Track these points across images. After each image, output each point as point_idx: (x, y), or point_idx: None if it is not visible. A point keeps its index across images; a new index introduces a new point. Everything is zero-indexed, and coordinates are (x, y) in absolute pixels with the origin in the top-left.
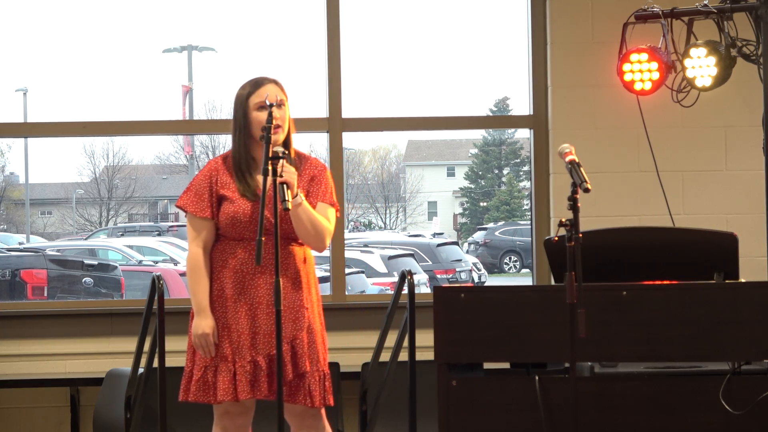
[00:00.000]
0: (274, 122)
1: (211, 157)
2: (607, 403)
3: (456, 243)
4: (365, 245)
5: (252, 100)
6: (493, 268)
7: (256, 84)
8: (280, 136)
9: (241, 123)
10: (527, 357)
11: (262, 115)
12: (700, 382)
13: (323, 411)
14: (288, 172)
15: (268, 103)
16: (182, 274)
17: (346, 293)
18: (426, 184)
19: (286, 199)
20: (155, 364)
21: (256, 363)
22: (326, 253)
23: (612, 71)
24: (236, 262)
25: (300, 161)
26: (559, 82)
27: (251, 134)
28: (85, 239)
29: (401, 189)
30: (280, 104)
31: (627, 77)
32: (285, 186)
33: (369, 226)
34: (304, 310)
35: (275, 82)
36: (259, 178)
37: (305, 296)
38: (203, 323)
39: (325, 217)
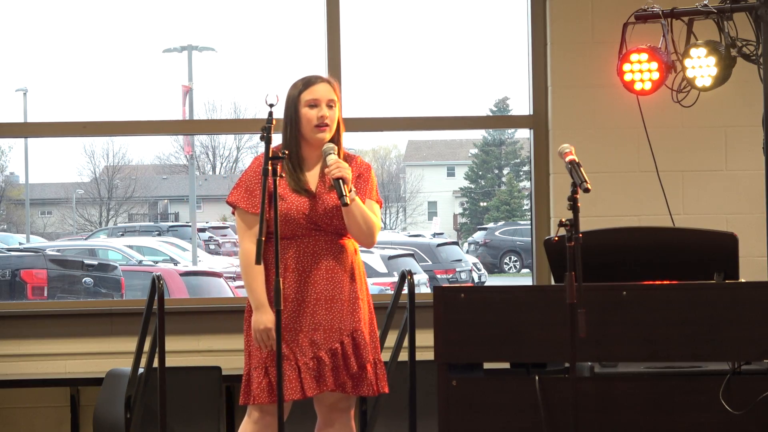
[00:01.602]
0: (322, 120)
1: (211, 157)
2: (607, 403)
3: (456, 243)
4: None
5: (303, 97)
6: (493, 268)
7: (309, 82)
8: (327, 135)
9: (292, 119)
10: (527, 357)
11: (312, 113)
12: (700, 382)
13: (353, 410)
14: (344, 168)
15: (267, 103)
16: (183, 274)
17: None
18: (426, 184)
19: (345, 194)
20: (155, 364)
21: (320, 359)
22: None
23: (612, 71)
24: (293, 262)
25: (347, 161)
26: (559, 82)
27: (301, 131)
28: (85, 239)
29: (401, 189)
30: (330, 104)
31: (627, 77)
32: (341, 181)
33: None
34: (360, 302)
35: (328, 81)
36: (308, 175)
37: (359, 287)
38: (264, 318)
39: (373, 213)
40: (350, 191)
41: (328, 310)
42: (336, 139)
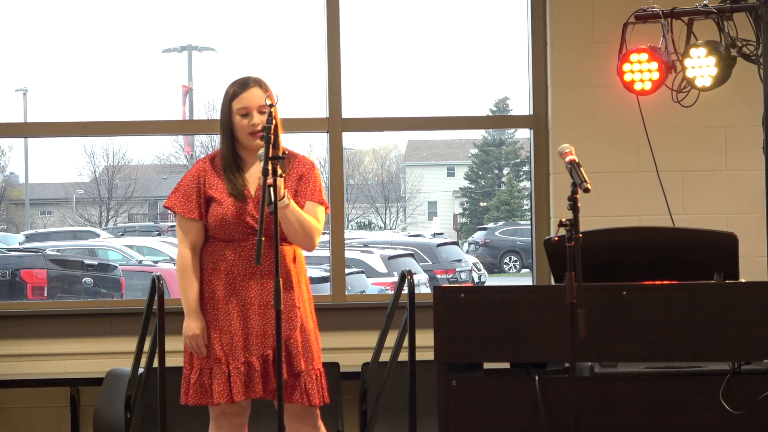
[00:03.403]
0: (254, 129)
1: None
2: (607, 403)
3: (456, 243)
4: (365, 245)
5: (234, 105)
6: (493, 268)
7: (242, 86)
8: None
9: (226, 125)
10: (527, 357)
11: (244, 122)
12: (700, 382)
13: (318, 411)
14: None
15: (268, 103)
16: None
17: (346, 293)
18: (426, 184)
19: (272, 201)
20: (155, 364)
21: (250, 364)
22: (326, 253)
23: (612, 71)
24: (226, 264)
25: (288, 160)
26: (559, 82)
27: (236, 137)
28: (86, 239)
29: (401, 189)
30: (262, 111)
31: (627, 77)
32: (271, 188)
33: (369, 226)
34: (296, 310)
35: (259, 84)
36: (247, 177)
37: (296, 295)
38: (193, 324)
39: (314, 217)
40: (282, 198)
41: (260, 316)
42: (276, 142)
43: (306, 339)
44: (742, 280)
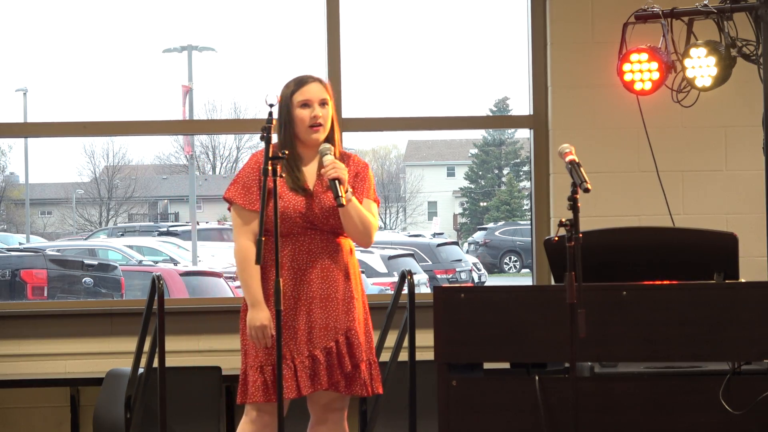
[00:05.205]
0: (315, 120)
1: (211, 157)
2: (607, 403)
3: (456, 243)
4: None
5: (296, 98)
6: (493, 268)
7: (300, 82)
8: (321, 135)
9: (285, 120)
10: (527, 357)
11: (305, 113)
12: (700, 382)
13: (346, 410)
14: (340, 168)
15: (267, 103)
16: (183, 274)
17: None
18: (426, 184)
19: (340, 194)
20: (155, 364)
21: (314, 357)
22: None
23: (612, 71)
24: (288, 260)
25: (343, 159)
26: (559, 82)
27: (296, 132)
28: (85, 239)
29: (401, 189)
30: (323, 103)
31: (627, 77)
32: (338, 182)
33: None
34: (355, 301)
35: (319, 80)
36: (305, 171)
37: (354, 287)
38: (260, 315)
39: (370, 213)
40: (346, 192)
41: (323, 309)
42: (331, 138)
43: (362, 330)
44: (742, 280)
